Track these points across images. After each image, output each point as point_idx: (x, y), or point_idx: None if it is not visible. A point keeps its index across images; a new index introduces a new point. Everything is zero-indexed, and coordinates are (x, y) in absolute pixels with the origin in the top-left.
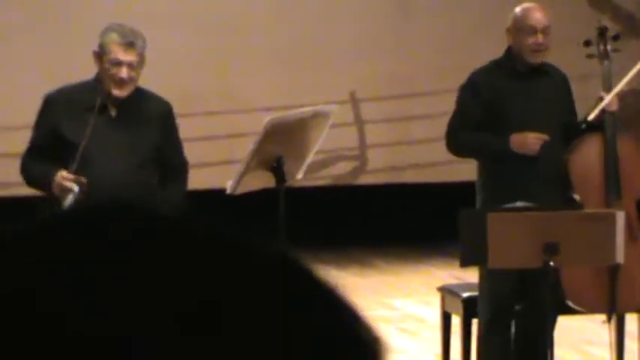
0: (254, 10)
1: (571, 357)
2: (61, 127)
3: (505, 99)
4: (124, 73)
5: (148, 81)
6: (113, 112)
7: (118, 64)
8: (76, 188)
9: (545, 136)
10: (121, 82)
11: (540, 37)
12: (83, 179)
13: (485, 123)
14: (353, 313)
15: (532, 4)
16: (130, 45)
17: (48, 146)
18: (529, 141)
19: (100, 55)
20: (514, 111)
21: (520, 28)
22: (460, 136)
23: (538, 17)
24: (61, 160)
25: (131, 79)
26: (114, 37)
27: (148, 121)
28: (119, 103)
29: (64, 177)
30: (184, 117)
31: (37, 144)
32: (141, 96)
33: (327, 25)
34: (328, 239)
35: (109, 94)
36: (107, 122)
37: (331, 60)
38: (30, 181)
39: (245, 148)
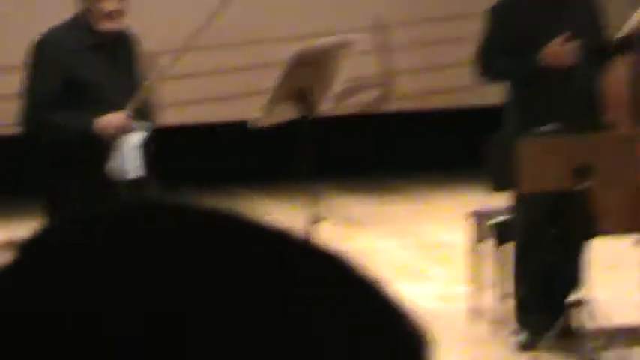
0: None
1: (602, 279)
2: (72, 69)
3: (533, 23)
4: (111, 5)
5: (171, 15)
6: (107, 49)
7: None
8: (143, 125)
9: (574, 44)
10: (110, 16)
11: None
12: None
13: (513, 48)
14: (399, 310)
15: None
16: None
17: (59, 92)
18: (558, 50)
19: None
20: (542, 35)
21: None
22: (489, 61)
23: None
24: (75, 104)
25: (119, 11)
26: None
27: (131, 54)
28: (110, 38)
29: (123, 118)
30: (207, 49)
31: (45, 93)
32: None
33: None
34: (356, 168)
35: (100, 30)
36: (106, 59)
37: None
38: (57, 130)
39: (270, 79)
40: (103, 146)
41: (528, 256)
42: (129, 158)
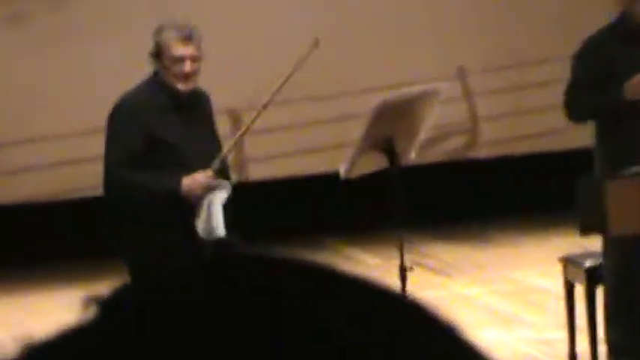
0: None
1: None
2: (153, 131)
3: (619, 64)
4: (187, 67)
5: (259, 66)
6: (184, 109)
7: (180, 59)
8: (226, 184)
9: None
10: (185, 77)
11: None
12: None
13: (599, 85)
14: (475, 352)
15: None
16: (188, 38)
17: (140, 153)
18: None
19: (159, 54)
20: (628, 75)
21: None
22: (576, 99)
23: None
24: (157, 164)
25: (194, 72)
26: (171, 33)
27: (206, 112)
28: (185, 98)
29: (208, 177)
30: (293, 103)
31: (127, 154)
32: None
33: (432, 0)
34: (445, 216)
35: (177, 91)
36: (184, 119)
37: (437, 34)
38: (137, 192)
39: (356, 130)
40: (190, 206)
41: (620, 300)
42: (216, 217)
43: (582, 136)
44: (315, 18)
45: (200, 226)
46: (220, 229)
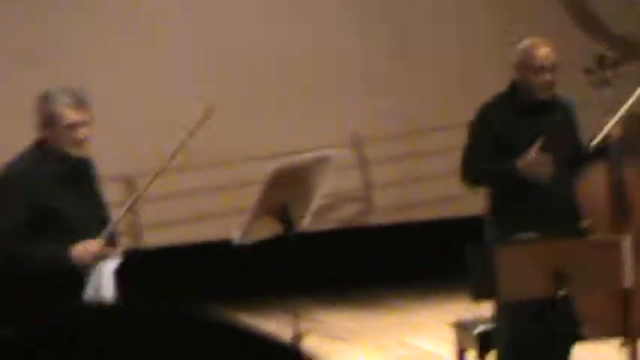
0: (252, 57)
1: None
2: (42, 199)
3: (514, 133)
4: (82, 133)
5: (155, 133)
6: (74, 176)
7: (75, 125)
8: (117, 252)
9: (548, 156)
10: (80, 143)
11: (549, 76)
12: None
13: (496, 157)
14: None
15: (538, 41)
16: (81, 104)
17: (27, 224)
18: (533, 160)
19: (50, 121)
20: (523, 145)
21: (528, 66)
22: (473, 168)
23: (547, 55)
24: (45, 233)
25: (87, 138)
26: (63, 99)
27: (93, 180)
28: (74, 165)
29: (100, 245)
30: (188, 170)
31: (13, 226)
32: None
33: (327, 66)
34: (340, 282)
35: (68, 158)
36: (74, 186)
37: (332, 102)
38: (25, 264)
39: (250, 197)
40: (79, 275)
41: None
42: (106, 285)
43: (475, 203)
44: (210, 85)
45: (90, 295)
46: (111, 298)
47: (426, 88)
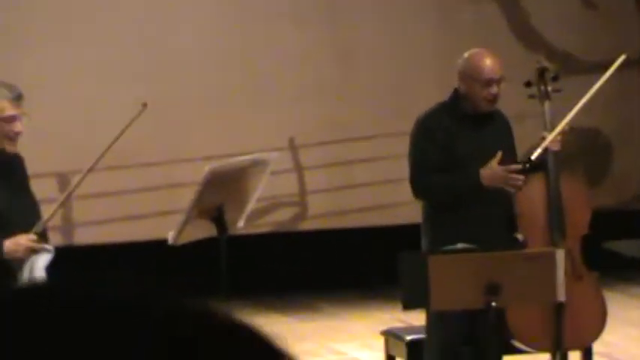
0: (188, 57)
1: None
2: None
3: (457, 142)
4: (18, 126)
5: (86, 130)
6: (5, 171)
7: (12, 119)
8: (49, 247)
9: (515, 167)
10: (15, 137)
11: (495, 89)
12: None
13: (441, 163)
14: None
15: (484, 52)
16: (19, 98)
17: None
18: (501, 174)
19: None
20: (465, 154)
21: (475, 78)
22: (426, 181)
23: (495, 69)
24: None
25: (21, 133)
26: (2, 92)
27: (24, 175)
28: (6, 160)
29: (31, 240)
30: (122, 169)
31: None
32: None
33: (264, 70)
34: (271, 286)
35: (2, 152)
36: (5, 181)
37: (269, 106)
38: None
39: (185, 198)
40: (9, 268)
41: None
42: (37, 280)
43: (409, 211)
44: (146, 84)
45: None
46: None
47: (362, 96)
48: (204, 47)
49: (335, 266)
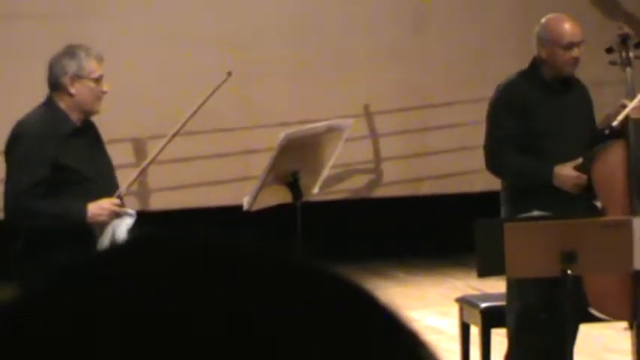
0: (267, 26)
1: None
2: (59, 157)
3: (537, 110)
4: (105, 87)
5: (165, 97)
6: (84, 135)
7: (100, 79)
8: (131, 211)
9: (584, 177)
10: (101, 97)
11: (577, 52)
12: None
13: (518, 135)
14: (415, 338)
15: (563, 16)
16: (101, 58)
17: (45, 181)
18: (572, 182)
19: (80, 77)
20: (545, 122)
21: (556, 42)
22: (503, 158)
23: (575, 32)
24: (61, 190)
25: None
26: (89, 53)
27: (100, 140)
28: (84, 124)
29: (115, 204)
30: (199, 134)
31: (32, 182)
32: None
33: (340, 37)
34: (345, 253)
35: (85, 116)
36: (86, 145)
37: (345, 73)
38: (42, 221)
39: (261, 164)
40: (89, 234)
41: (523, 341)
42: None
43: (485, 179)
44: (227, 51)
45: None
46: None
47: (437, 63)
48: (281, 16)
49: (409, 233)
